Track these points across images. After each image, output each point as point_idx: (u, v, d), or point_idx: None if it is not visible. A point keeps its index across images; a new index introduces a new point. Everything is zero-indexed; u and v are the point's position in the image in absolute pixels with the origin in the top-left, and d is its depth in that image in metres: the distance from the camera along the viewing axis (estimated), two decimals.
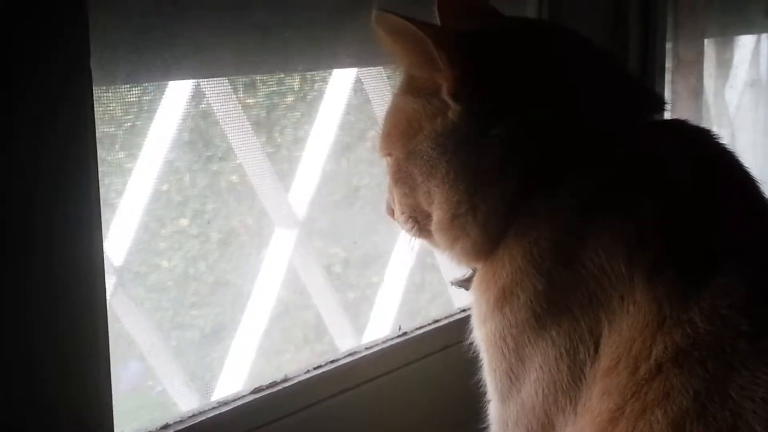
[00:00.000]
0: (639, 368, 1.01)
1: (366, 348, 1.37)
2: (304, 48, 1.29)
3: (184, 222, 1.60)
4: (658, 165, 1.10)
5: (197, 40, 1.13)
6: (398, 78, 1.19)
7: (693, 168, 1.10)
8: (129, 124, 1.42)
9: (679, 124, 1.20)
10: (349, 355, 1.34)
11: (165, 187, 1.56)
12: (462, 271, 1.25)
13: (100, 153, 1.13)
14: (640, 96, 1.19)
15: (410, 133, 1.15)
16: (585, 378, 1.06)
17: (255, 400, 1.21)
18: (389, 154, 1.19)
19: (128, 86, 1.28)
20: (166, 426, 1.12)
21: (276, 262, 1.62)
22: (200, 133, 1.53)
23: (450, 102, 1.11)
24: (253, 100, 1.63)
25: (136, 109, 1.42)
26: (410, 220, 1.20)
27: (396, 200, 1.21)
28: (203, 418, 1.14)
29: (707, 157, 1.14)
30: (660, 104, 1.20)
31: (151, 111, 1.44)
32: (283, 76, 1.60)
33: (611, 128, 1.11)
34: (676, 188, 1.08)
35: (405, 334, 1.44)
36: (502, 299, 1.11)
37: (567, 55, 1.15)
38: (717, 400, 0.97)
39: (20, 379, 0.95)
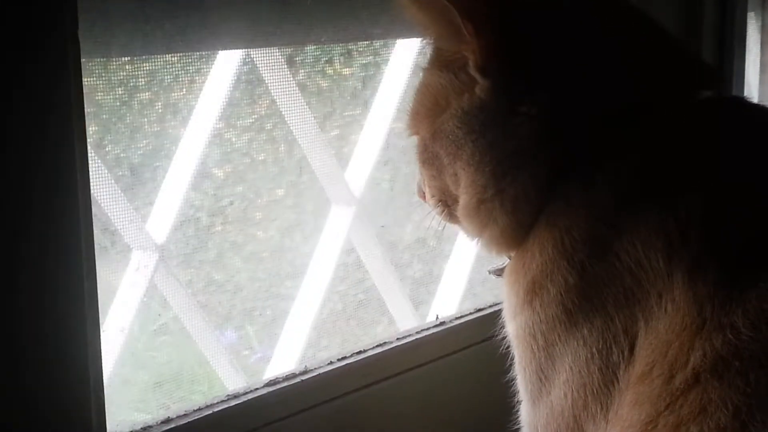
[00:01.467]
0: (674, 377, 0.90)
1: (398, 338, 1.27)
2: (325, 17, 1.19)
3: (280, 192, 1.57)
4: (705, 149, 0.98)
5: (204, 9, 1.04)
6: (426, 51, 1.09)
7: (745, 153, 0.98)
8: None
9: (734, 102, 1.08)
10: (378, 346, 1.24)
11: (261, 157, 1.54)
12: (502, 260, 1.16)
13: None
14: (691, 70, 1.06)
15: (437, 110, 1.05)
16: (618, 382, 0.95)
17: (269, 393, 1.12)
18: (416, 133, 1.10)
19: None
20: (168, 420, 1.04)
21: (333, 240, 1.55)
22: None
23: (477, 77, 1.01)
24: (349, 71, 1.60)
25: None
26: (440, 203, 1.11)
27: (425, 182, 1.12)
28: (209, 412, 1.05)
29: (764, 141, 1.02)
30: (714, 79, 1.08)
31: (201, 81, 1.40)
32: (378, 47, 1.54)
33: (654, 107, 0.99)
34: (725, 177, 0.95)
35: (442, 323, 1.34)
36: (532, 293, 1.00)
37: (606, 26, 1.03)
38: (759, 418, 0.84)
39: (5, 378, 0.88)
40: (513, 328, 1.04)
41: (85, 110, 0.95)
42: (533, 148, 1.00)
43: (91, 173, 1.20)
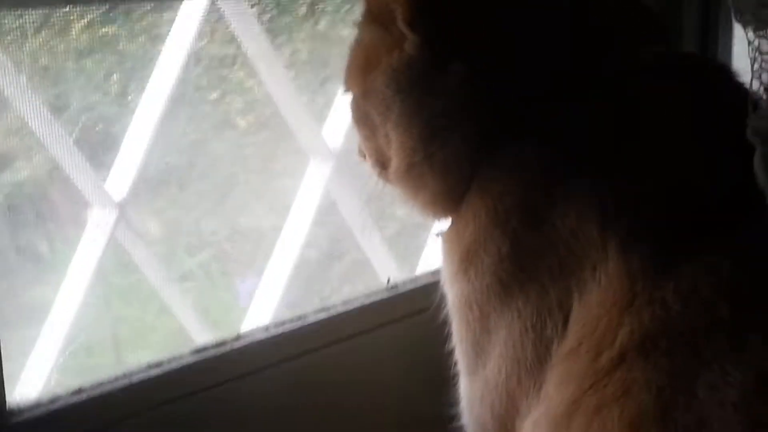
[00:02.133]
0: (601, 354, 0.84)
1: (343, 303, 1.20)
2: None
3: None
4: (649, 113, 0.90)
5: None
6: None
7: (694, 118, 0.91)
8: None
9: (690, 61, 1.00)
10: (322, 311, 1.18)
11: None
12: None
13: None
14: (639, 24, 0.99)
15: (368, 68, 0.98)
16: (551, 358, 0.90)
17: (196, 362, 1.06)
18: (350, 90, 1.04)
19: None
20: (79, 391, 0.99)
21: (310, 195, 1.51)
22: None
23: (406, 31, 0.94)
24: None
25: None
26: (377, 164, 1.05)
27: (361, 142, 1.06)
28: (125, 382, 1.00)
29: (718, 106, 0.94)
30: (663, 33, 1.00)
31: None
32: None
33: (596, 63, 0.92)
34: (667, 143, 0.88)
35: (395, 288, 1.28)
36: (467, 261, 0.94)
37: None
38: (681, 401, 0.79)
39: None
40: (450, 297, 0.99)
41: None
42: (463, 109, 0.93)
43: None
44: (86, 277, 1.28)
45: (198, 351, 1.08)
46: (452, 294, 0.98)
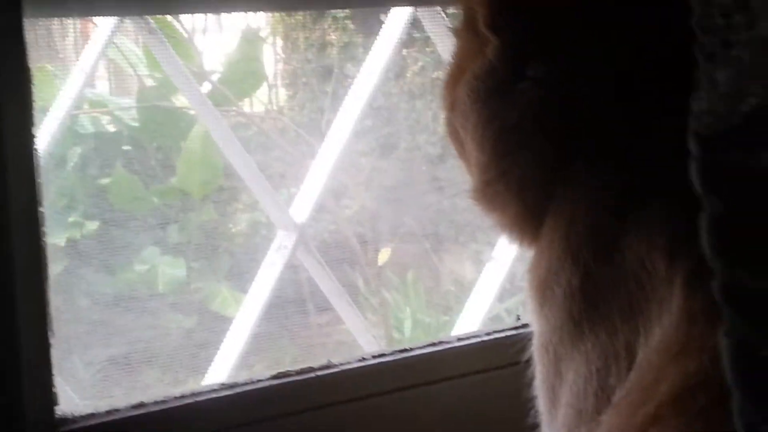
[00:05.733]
0: (639, 409, 0.70)
1: (458, 339, 1.07)
2: None
3: None
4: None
5: None
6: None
7: None
8: None
9: None
10: (430, 345, 1.05)
11: None
12: None
13: None
14: None
15: (458, 76, 0.90)
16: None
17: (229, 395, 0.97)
18: (444, 105, 0.95)
19: None
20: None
21: None
22: None
23: (488, 34, 0.85)
24: None
25: None
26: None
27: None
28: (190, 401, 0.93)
29: None
30: None
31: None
32: None
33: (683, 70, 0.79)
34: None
35: (525, 326, 1.14)
36: (543, 296, 0.83)
37: None
38: None
39: None
40: (534, 336, 0.88)
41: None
42: (538, 121, 0.82)
43: None
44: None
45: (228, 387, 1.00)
46: (535, 333, 0.87)
